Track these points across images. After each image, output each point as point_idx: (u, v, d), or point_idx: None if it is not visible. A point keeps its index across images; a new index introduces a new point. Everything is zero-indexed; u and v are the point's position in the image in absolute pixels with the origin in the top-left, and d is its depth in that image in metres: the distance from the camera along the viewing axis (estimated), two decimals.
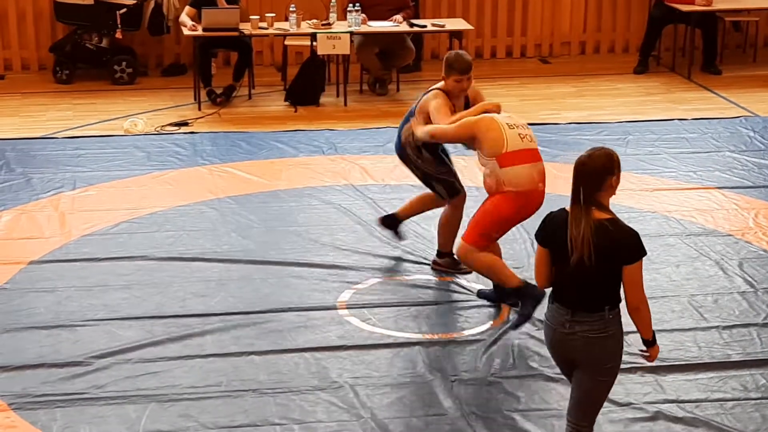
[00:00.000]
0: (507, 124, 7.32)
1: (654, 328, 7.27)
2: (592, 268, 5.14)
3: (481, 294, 7.76)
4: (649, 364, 5.76)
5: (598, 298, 5.22)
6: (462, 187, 8.15)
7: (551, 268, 5.32)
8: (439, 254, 8.26)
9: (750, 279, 8.08)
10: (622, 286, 5.25)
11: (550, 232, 5.30)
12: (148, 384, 6.68)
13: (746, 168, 10.44)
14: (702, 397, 6.60)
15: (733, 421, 6.34)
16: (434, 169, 8.05)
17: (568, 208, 5.26)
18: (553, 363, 5.65)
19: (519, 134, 7.29)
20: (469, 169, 9.48)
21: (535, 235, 5.40)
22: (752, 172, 10.33)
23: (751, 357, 7.01)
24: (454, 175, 8.15)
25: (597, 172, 5.21)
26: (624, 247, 5.15)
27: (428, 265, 8.28)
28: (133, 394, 6.57)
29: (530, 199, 7.29)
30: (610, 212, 5.22)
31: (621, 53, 14.80)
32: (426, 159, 8.02)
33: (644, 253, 5.19)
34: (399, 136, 8.09)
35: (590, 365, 5.31)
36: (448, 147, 8.20)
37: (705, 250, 8.61)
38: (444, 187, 8.09)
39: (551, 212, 5.40)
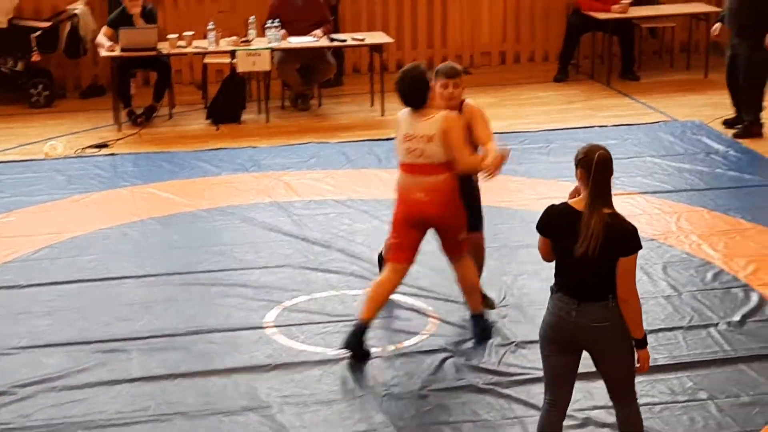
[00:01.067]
0: (405, 134, 7.12)
1: None
2: (596, 260, 5.33)
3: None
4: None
5: (602, 288, 5.40)
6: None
7: (554, 250, 5.54)
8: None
9: (674, 283, 8.15)
10: None
11: (551, 224, 5.53)
12: (74, 411, 6.58)
13: (667, 172, 10.55)
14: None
15: (662, 424, 6.38)
16: None
17: (569, 201, 5.49)
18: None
19: (408, 148, 7.09)
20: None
21: (536, 225, 5.59)
22: (673, 177, 10.43)
23: (678, 360, 7.06)
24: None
25: (611, 167, 5.42)
26: (623, 239, 5.35)
27: (354, 278, 8.25)
28: (60, 422, 6.46)
29: (409, 206, 7.14)
30: (612, 206, 5.42)
31: (541, 62, 14.91)
32: None
33: (640, 246, 5.39)
34: None
35: (601, 354, 5.50)
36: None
37: None
38: None
39: (552, 205, 5.58)
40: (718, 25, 12.00)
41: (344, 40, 12.68)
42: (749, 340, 7.32)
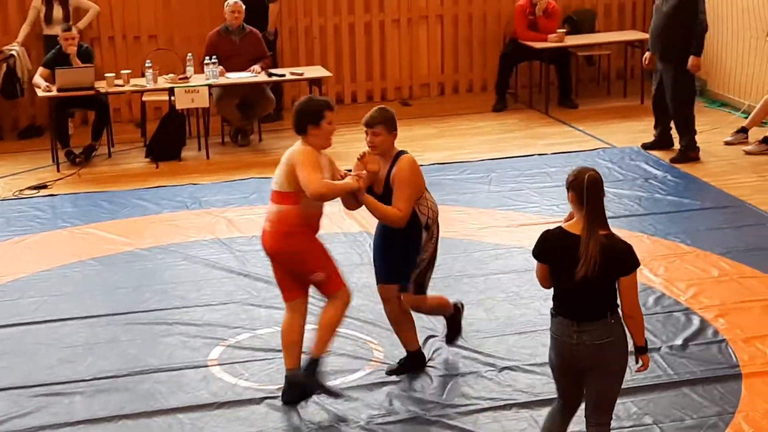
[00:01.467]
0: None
1: (525, 362, 7.39)
2: (595, 281, 5.49)
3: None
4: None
5: (600, 306, 5.58)
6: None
7: (552, 277, 5.67)
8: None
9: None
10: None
11: (548, 250, 5.64)
12: None
13: (606, 198, 10.46)
14: (576, 429, 6.63)
15: None
16: None
17: (564, 225, 5.61)
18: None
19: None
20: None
21: (533, 252, 5.68)
22: (613, 203, 10.51)
23: (622, 386, 7.07)
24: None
25: (602, 188, 5.57)
26: (620, 260, 5.51)
27: None
28: None
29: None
30: (608, 227, 5.54)
31: (479, 92, 14.99)
32: None
33: (638, 264, 5.56)
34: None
35: (600, 369, 5.63)
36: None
37: None
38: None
39: (547, 230, 5.69)
40: (647, 54, 12.16)
41: (283, 75, 12.70)
42: (692, 364, 7.38)
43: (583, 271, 5.46)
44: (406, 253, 6.99)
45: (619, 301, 5.61)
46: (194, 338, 7.92)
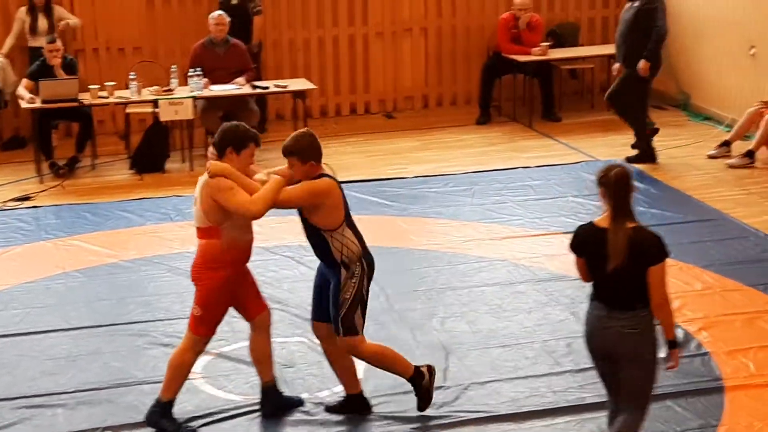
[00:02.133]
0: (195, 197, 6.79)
1: (508, 375, 7.41)
2: (625, 272, 5.71)
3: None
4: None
5: (630, 298, 5.77)
6: None
7: (590, 271, 5.89)
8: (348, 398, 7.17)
9: None
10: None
11: (582, 244, 5.90)
12: None
13: (590, 212, 10.62)
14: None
15: None
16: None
17: (595, 221, 5.85)
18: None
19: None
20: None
21: (571, 247, 5.94)
22: (596, 216, 10.47)
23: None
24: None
25: (631, 184, 5.80)
26: (649, 250, 5.72)
27: (283, 325, 8.21)
28: None
29: None
30: (636, 220, 5.78)
31: (463, 105, 15.02)
32: None
33: (667, 254, 5.77)
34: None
35: (629, 358, 5.83)
36: None
37: (555, 296, 8.74)
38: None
39: (581, 225, 5.97)
40: (616, 65, 12.27)
41: (267, 87, 12.71)
42: (675, 376, 7.36)
43: (613, 263, 5.70)
44: (328, 290, 6.77)
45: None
46: None
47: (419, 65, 14.89)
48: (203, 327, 6.77)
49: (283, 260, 9.56)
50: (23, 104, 12.08)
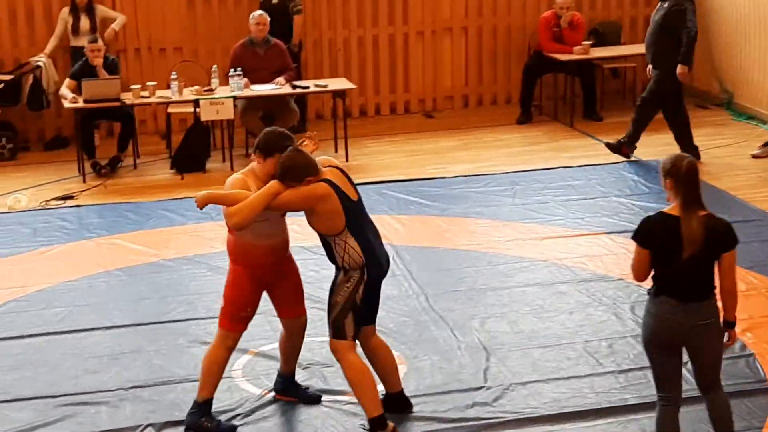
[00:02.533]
0: None
1: (550, 376, 7.38)
2: (700, 260, 5.81)
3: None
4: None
5: (706, 287, 5.89)
6: None
7: (650, 266, 5.91)
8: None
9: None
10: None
11: (650, 235, 5.89)
12: None
13: (633, 212, 10.60)
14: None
15: None
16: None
17: (666, 210, 5.87)
18: None
19: None
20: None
21: (635, 238, 5.93)
22: (639, 216, 10.42)
23: (648, 400, 7.04)
24: None
25: (698, 175, 5.88)
26: (722, 237, 5.85)
27: (323, 324, 8.21)
28: None
29: None
30: (706, 208, 5.88)
31: (504, 104, 14.98)
32: None
33: (738, 240, 5.91)
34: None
35: (704, 347, 5.97)
36: None
37: (597, 296, 8.70)
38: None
39: (649, 216, 5.96)
40: (650, 67, 12.28)
41: (307, 87, 12.72)
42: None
43: (689, 250, 5.76)
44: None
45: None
46: None
47: (459, 65, 14.86)
48: (226, 321, 6.79)
49: (322, 260, 9.48)
50: (66, 104, 12.15)
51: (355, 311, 6.60)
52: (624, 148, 12.17)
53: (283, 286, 6.92)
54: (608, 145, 12.24)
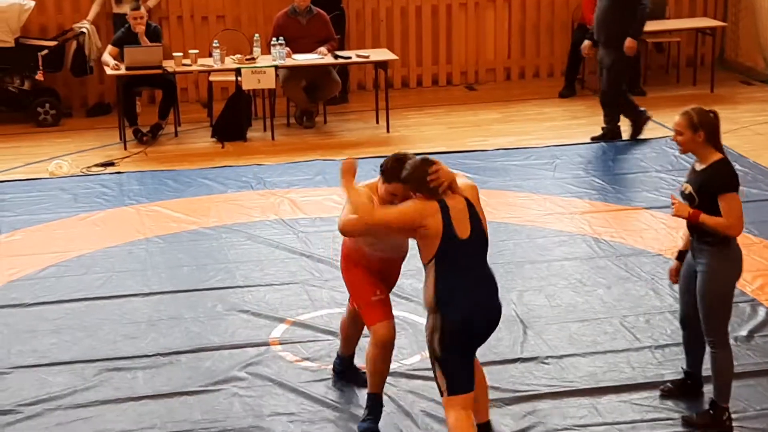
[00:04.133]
0: None
1: (586, 350, 7.36)
2: None
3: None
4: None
5: None
6: None
7: None
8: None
9: None
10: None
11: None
12: (80, 429, 6.58)
13: (673, 188, 10.51)
14: (637, 417, 6.61)
15: None
16: None
17: (718, 156, 6.26)
18: None
19: None
20: None
21: (734, 187, 6.23)
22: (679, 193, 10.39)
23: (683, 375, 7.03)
24: None
25: None
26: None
27: None
28: None
29: None
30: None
31: (546, 78, 14.90)
32: None
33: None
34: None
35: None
36: None
37: (635, 271, 8.66)
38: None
39: (728, 163, 6.27)
40: (587, 43, 12.24)
41: (349, 57, 12.70)
42: (756, 355, 7.30)
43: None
44: None
45: None
46: (256, 317, 7.96)
47: (502, 37, 14.79)
48: (365, 316, 6.45)
49: None
50: (108, 71, 12.20)
51: (440, 362, 5.84)
52: (612, 133, 12.06)
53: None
54: (594, 138, 12.07)
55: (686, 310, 6.56)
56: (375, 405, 6.52)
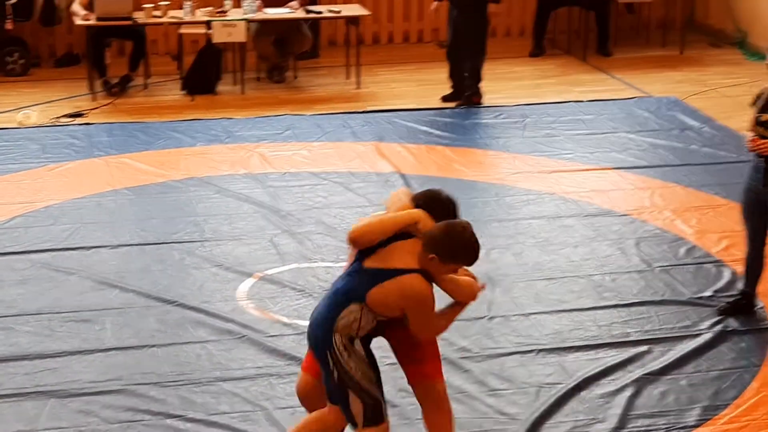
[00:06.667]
0: None
1: (553, 308, 7.41)
2: None
3: None
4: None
5: None
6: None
7: None
8: None
9: (647, 258, 8.19)
10: None
11: None
12: (47, 380, 6.57)
13: (642, 148, 10.58)
14: (602, 375, 6.67)
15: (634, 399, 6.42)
16: (362, 374, 5.33)
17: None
18: None
19: None
20: None
21: None
22: (648, 152, 10.46)
23: (649, 335, 7.10)
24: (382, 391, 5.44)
25: None
26: None
27: (328, 250, 8.25)
28: (32, 390, 6.45)
29: None
30: None
31: (517, 37, 14.90)
32: (357, 355, 5.34)
33: None
34: (326, 318, 5.36)
35: None
36: None
37: (602, 231, 8.71)
38: (364, 405, 5.33)
39: None
40: (435, 4, 12.19)
41: (320, 12, 12.65)
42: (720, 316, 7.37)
43: None
44: None
45: None
46: (225, 271, 7.96)
47: None
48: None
49: (332, 186, 9.58)
50: (77, 21, 12.10)
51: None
52: (473, 98, 11.93)
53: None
54: (458, 105, 11.91)
55: (752, 235, 7.22)
56: None
